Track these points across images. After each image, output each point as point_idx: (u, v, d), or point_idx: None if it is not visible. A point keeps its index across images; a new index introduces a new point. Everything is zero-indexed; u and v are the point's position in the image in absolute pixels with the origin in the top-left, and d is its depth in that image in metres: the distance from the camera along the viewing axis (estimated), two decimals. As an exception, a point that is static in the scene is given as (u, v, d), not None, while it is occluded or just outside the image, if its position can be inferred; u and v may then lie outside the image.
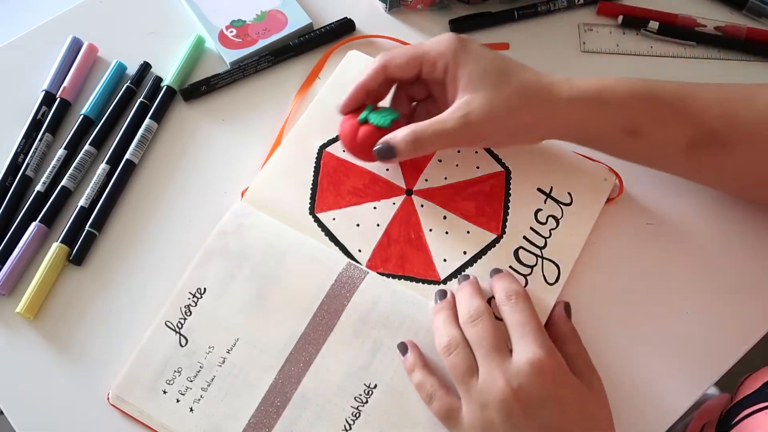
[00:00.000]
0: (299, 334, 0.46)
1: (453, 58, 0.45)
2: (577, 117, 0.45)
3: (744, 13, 0.62)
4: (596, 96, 0.44)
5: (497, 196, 0.51)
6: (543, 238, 0.50)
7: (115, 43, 0.58)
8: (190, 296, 0.47)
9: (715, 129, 0.44)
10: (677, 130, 0.44)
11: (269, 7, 0.59)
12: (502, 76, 0.44)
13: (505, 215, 0.50)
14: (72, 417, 0.46)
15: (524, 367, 0.39)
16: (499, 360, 0.40)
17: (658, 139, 0.45)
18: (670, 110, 0.44)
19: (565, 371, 0.40)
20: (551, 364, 0.39)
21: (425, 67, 0.46)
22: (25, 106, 0.55)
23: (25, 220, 0.50)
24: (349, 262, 0.48)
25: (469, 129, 0.44)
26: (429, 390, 0.43)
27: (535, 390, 0.39)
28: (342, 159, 0.52)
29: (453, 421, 0.41)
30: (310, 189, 0.51)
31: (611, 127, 0.45)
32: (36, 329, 0.48)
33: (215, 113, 0.56)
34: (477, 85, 0.44)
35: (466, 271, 0.49)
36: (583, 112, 0.45)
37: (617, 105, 0.44)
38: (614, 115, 0.44)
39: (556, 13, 0.61)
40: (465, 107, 0.44)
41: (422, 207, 0.50)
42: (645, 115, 0.44)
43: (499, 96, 0.44)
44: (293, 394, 0.45)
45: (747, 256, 0.51)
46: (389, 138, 0.46)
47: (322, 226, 0.50)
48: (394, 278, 0.48)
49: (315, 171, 0.52)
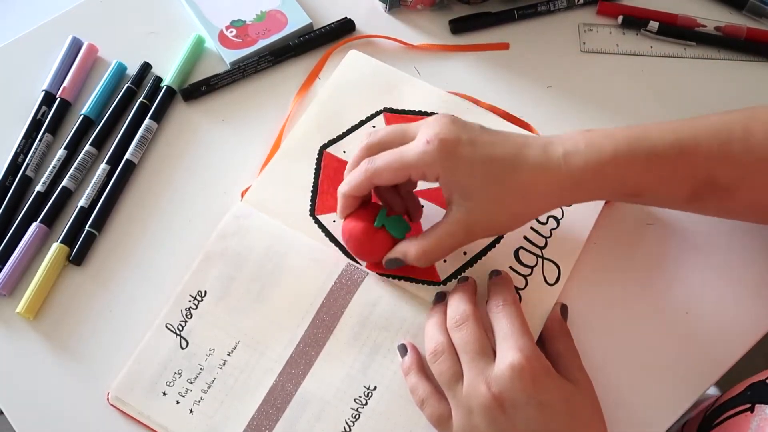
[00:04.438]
0: (300, 336, 0.46)
1: (443, 170, 0.42)
2: (580, 196, 0.44)
3: (744, 13, 0.62)
4: (596, 171, 0.42)
5: None
6: (543, 238, 0.49)
7: (115, 43, 0.58)
8: (190, 299, 0.47)
9: (716, 177, 0.43)
10: (679, 186, 0.44)
11: (269, 7, 0.59)
12: (497, 184, 0.42)
13: None
14: (72, 417, 0.46)
15: (505, 371, 0.39)
16: (482, 365, 0.40)
17: (660, 196, 0.45)
18: (671, 168, 0.43)
19: (547, 372, 0.40)
20: (532, 367, 0.39)
21: (414, 176, 0.43)
22: (25, 106, 0.55)
23: (25, 220, 0.50)
24: (349, 263, 0.48)
25: (474, 237, 0.44)
26: (421, 395, 0.43)
27: (516, 394, 0.39)
28: (342, 160, 0.52)
29: (444, 427, 0.42)
30: (310, 192, 0.51)
31: (613, 195, 0.44)
32: (36, 329, 0.48)
33: (215, 113, 0.56)
34: (474, 195, 0.42)
35: (466, 272, 0.49)
36: (584, 192, 0.43)
37: (618, 178, 0.43)
38: (618, 185, 0.43)
39: (556, 13, 0.61)
40: (465, 218, 0.43)
41: (422, 207, 0.50)
42: (645, 178, 0.43)
43: (498, 207, 0.42)
44: (293, 396, 0.45)
45: (747, 257, 0.51)
46: (402, 255, 0.45)
47: (322, 227, 0.50)
48: (393, 279, 0.48)
49: (316, 173, 0.52)
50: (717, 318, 0.49)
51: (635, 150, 0.42)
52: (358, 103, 0.54)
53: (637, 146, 0.42)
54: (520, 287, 0.48)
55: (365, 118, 0.54)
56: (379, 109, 0.54)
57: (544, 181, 0.42)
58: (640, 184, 0.43)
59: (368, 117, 0.54)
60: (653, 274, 0.50)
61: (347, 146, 0.53)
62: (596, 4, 0.61)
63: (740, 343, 0.48)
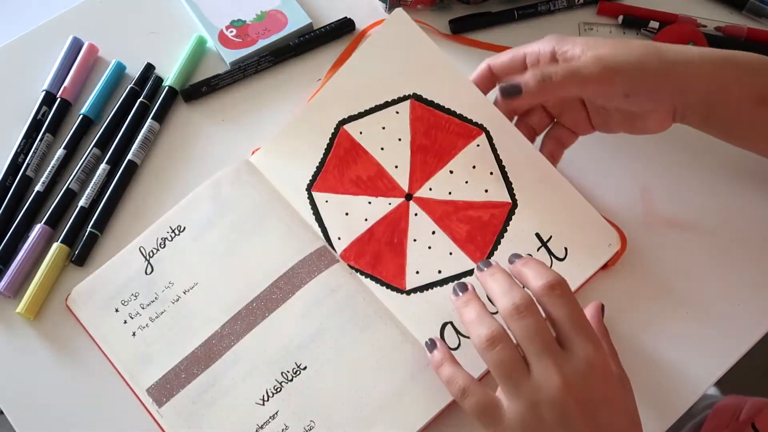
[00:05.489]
0: (253, 296, 0.47)
1: (558, 41, 0.44)
2: (709, 75, 0.43)
3: (744, 13, 0.62)
4: (729, 56, 0.43)
5: (493, 228, 0.49)
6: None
7: (115, 43, 0.58)
8: (169, 230, 0.49)
9: None
10: None
11: (269, 7, 0.59)
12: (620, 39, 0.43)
13: (493, 250, 0.48)
14: (72, 417, 0.46)
15: (580, 365, 0.37)
16: (553, 357, 0.37)
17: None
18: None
19: (611, 369, 0.39)
20: (604, 362, 0.38)
21: (530, 58, 0.45)
22: (25, 106, 0.55)
23: (25, 220, 0.50)
24: (324, 246, 0.49)
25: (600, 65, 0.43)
26: (462, 384, 0.40)
27: (592, 390, 0.37)
28: (356, 142, 0.51)
29: (490, 418, 0.39)
30: (315, 167, 0.51)
31: (743, 90, 0.44)
32: (36, 329, 0.48)
33: (215, 113, 0.56)
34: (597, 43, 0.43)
35: (433, 290, 0.47)
36: (715, 68, 0.43)
37: (749, 67, 0.44)
38: (747, 75, 0.43)
39: (556, 13, 0.61)
40: (593, 49, 0.43)
41: (415, 216, 0.49)
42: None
43: (627, 44, 0.43)
44: (228, 350, 0.46)
45: (747, 256, 0.51)
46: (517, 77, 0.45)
47: (313, 204, 0.50)
48: (361, 275, 0.48)
49: (327, 148, 0.51)
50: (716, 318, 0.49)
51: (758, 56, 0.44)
52: (388, 77, 0.52)
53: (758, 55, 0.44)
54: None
55: (390, 101, 0.52)
56: (407, 93, 0.51)
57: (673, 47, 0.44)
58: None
59: (393, 100, 0.52)
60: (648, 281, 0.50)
61: (365, 128, 0.51)
62: (596, 4, 0.61)
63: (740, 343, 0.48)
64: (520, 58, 0.46)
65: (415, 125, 0.51)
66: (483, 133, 0.50)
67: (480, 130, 0.50)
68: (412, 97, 0.52)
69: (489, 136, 0.50)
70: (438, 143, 0.51)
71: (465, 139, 0.50)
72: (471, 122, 0.50)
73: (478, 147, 0.50)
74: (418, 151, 0.51)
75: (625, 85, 0.43)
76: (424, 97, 0.51)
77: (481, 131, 0.50)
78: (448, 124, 0.51)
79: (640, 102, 0.45)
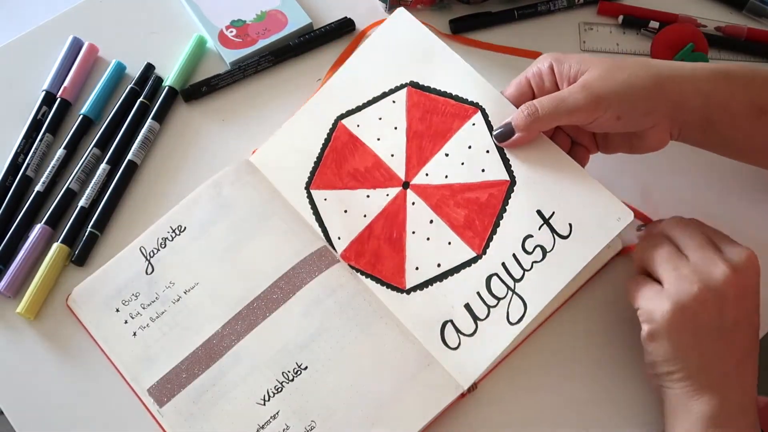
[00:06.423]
0: (254, 296, 0.48)
1: (555, 59, 0.46)
2: (703, 88, 0.44)
3: (744, 13, 0.62)
4: (722, 69, 0.45)
5: (491, 210, 0.47)
6: (522, 270, 0.45)
7: (115, 43, 0.58)
8: (170, 230, 0.49)
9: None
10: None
11: (269, 7, 0.59)
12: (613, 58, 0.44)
13: (492, 233, 0.47)
14: (72, 417, 0.46)
15: (743, 258, 0.41)
16: (714, 249, 0.42)
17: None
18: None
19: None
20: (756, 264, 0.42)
21: (534, 80, 0.47)
22: (25, 106, 0.55)
23: (25, 220, 0.50)
24: (324, 246, 0.49)
25: (585, 92, 0.43)
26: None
27: (749, 282, 0.42)
28: (354, 135, 0.51)
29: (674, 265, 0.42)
30: (313, 162, 0.51)
31: (739, 103, 0.45)
32: (36, 329, 0.48)
33: (215, 113, 0.56)
34: (590, 63, 0.44)
35: (433, 285, 0.47)
36: (710, 82, 0.44)
37: (743, 79, 0.45)
38: (742, 87, 0.45)
39: (556, 13, 0.61)
40: (582, 79, 0.44)
41: (413, 204, 0.49)
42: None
43: (617, 64, 0.44)
44: (229, 350, 0.46)
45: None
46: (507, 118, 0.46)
47: (312, 203, 0.50)
48: (361, 275, 0.48)
49: (324, 143, 0.51)
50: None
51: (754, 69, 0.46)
52: (387, 69, 0.52)
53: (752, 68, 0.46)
54: (480, 317, 0.46)
55: (387, 91, 0.51)
56: (404, 82, 0.51)
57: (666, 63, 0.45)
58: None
59: (390, 90, 0.51)
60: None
61: (362, 120, 0.51)
62: (596, 4, 0.61)
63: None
64: (525, 84, 0.47)
65: (411, 112, 0.51)
66: (478, 111, 0.49)
67: (475, 109, 0.49)
68: (408, 85, 0.51)
69: (485, 113, 0.49)
70: (433, 127, 0.50)
71: (460, 119, 0.49)
72: (466, 101, 0.49)
73: (473, 126, 0.49)
74: (414, 138, 0.50)
75: (614, 109, 0.44)
76: (420, 83, 0.51)
77: (477, 109, 0.49)
78: (444, 106, 0.50)
79: (634, 122, 0.45)
